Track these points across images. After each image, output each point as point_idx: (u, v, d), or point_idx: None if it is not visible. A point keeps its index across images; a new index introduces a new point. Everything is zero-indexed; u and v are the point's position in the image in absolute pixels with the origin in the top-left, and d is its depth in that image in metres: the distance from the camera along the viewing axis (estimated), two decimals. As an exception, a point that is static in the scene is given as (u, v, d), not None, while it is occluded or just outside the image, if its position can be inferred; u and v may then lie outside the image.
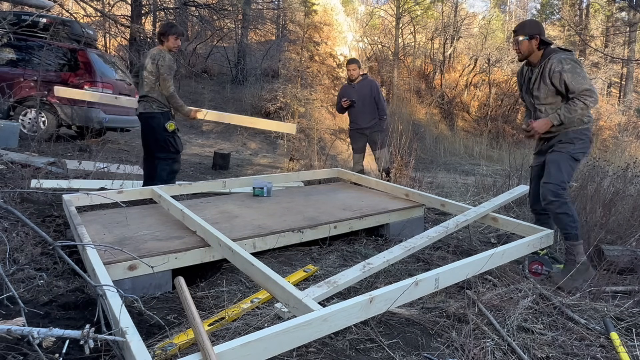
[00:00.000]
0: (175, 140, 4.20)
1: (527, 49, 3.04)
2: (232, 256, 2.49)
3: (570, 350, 2.07)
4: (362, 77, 5.63)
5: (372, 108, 5.55)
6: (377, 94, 5.58)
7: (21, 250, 2.77)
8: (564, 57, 2.93)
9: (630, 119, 18.49)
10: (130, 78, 9.01)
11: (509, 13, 34.01)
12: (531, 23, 3.11)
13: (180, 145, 4.28)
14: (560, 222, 3.02)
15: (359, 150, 5.76)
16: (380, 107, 5.58)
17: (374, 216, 3.61)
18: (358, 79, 5.60)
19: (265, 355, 1.66)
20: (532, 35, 3.00)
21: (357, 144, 5.72)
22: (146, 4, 12.42)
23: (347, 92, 5.66)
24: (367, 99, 5.53)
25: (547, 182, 3.02)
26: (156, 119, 4.11)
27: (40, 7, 7.30)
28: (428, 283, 2.27)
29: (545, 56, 3.01)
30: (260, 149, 11.65)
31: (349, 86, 5.71)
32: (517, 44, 3.05)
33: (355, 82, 5.60)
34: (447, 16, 22.00)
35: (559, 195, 2.95)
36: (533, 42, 3.01)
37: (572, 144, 3.05)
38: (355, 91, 5.57)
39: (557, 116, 2.95)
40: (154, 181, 4.12)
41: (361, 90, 5.56)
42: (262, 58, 17.48)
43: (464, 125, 19.24)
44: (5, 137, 5.87)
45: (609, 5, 23.43)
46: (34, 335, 1.46)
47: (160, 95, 4.10)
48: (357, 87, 5.59)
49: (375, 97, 5.55)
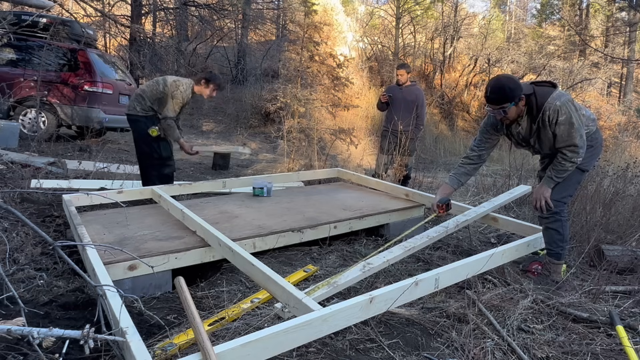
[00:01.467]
0: (159, 147, 4.08)
1: (515, 113, 2.73)
2: (232, 256, 2.49)
3: (571, 349, 2.07)
4: (411, 83, 5.80)
5: (412, 114, 5.69)
6: (422, 104, 5.74)
7: (21, 250, 2.77)
8: (559, 105, 2.64)
9: (630, 119, 18.47)
10: (130, 78, 9.01)
11: (509, 13, 33.99)
12: (510, 86, 2.65)
13: (165, 150, 4.12)
14: (549, 236, 2.92)
15: (387, 152, 5.82)
16: (420, 116, 5.73)
17: (374, 216, 3.61)
18: (407, 84, 5.76)
19: (265, 355, 1.66)
20: (519, 98, 2.65)
21: (388, 145, 5.79)
22: (146, 4, 12.42)
23: (393, 93, 5.81)
24: (410, 104, 5.66)
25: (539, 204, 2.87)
26: (140, 123, 4.04)
27: (40, 7, 7.30)
28: (428, 283, 2.27)
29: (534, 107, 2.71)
30: (261, 149, 11.64)
31: (396, 87, 5.84)
32: (503, 113, 2.67)
33: (403, 85, 5.76)
34: (447, 16, 21.99)
35: (555, 213, 2.85)
36: (520, 103, 2.68)
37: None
38: (402, 94, 5.72)
39: (551, 180, 2.80)
40: (147, 184, 4.08)
41: (407, 94, 5.71)
42: (262, 58, 17.49)
43: (464, 125, 19.24)
44: (5, 137, 5.87)
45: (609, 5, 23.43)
46: (34, 335, 1.46)
47: (152, 102, 4.02)
48: (404, 91, 5.74)
49: (418, 105, 5.69)
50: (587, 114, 2.91)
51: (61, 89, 7.32)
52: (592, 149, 3.01)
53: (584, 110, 2.89)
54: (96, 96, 7.43)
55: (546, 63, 19.97)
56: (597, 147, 3.03)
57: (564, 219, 2.88)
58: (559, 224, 2.86)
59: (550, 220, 2.87)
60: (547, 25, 28.90)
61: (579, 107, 2.76)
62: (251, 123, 14.30)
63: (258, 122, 14.31)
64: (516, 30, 30.34)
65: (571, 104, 2.67)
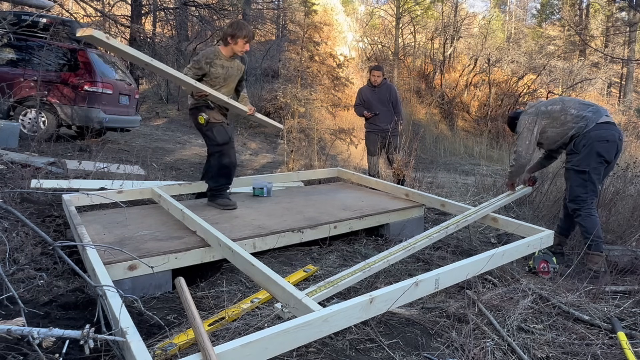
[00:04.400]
0: (213, 132, 3.71)
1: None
2: (232, 256, 2.48)
3: (571, 350, 2.07)
4: (382, 82, 5.85)
5: (390, 111, 5.77)
6: (395, 99, 5.82)
7: (21, 250, 2.76)
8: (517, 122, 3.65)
9: (630, 119, 18.48)
10: (130, 78, 9.01)
11: (509, 13, 34.00)
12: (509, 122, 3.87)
13: (222, 136, 3.72)
14: (580, 229, 3.44)
15: (375, 153, 5.87)
16: (397, 110, 5.80)
17: (374, 216, 3.61)
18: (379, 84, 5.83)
19: (265, 355, 1.66)
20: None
21: (374, 145, 5.84)
22: (146, 4, 12.42)
23: (367, 94, 5.88)
24: (386, 103, 5.76)
25: (566, 199, 3.49)
26: (192, 113, 3.81)
27: (40, 7, 7.30)
28: (428, 283, 2.27)
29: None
30: (261, 149, 11.65)
31: (369, 89, 5.89)
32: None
33: (376, 87, 5.83)
34: (447, 16, 22.01)
35: (576, 210, 3.36)
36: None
37: (577, 153, 3.31)
38: (376, 94, 5.80)
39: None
40: (206, 176, 3.94)
41: (381, 94, 5.79)
42: (262, 58, 17.49)
43: (464, 125, 19.24)
44: (5, 137, 5.87)
45: (609, 5, 23.44)
46: (34, 335, 1.46)
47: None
48: (377, 91, 5.82)
49: (393, 102, 5.78)
50: (574, 113, 3.36)
51: (61, 89, 7.32)
52: (585, 148, 3.21)
53: (574, 109, 3.38)
54: (96, 96, 7.43)
55: (546, 63, 19.97)
56: (590, 145, 3.21)
57: (584, 214, 3.33)
58: (580, 218, 3.35)
59: (575, 216, 3.40)
60: (547, 25, 28.91)
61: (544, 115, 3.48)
62: (251, 123, 14.30)
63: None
64: (516, 30, 30.36)
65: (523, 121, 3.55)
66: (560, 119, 3.40)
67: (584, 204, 3.32)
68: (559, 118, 3.40)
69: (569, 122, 3.36)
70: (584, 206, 3.31)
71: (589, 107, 3.38)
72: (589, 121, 3.29)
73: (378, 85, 5.81)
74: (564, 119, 3.38)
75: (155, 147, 9.19)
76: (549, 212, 4.53)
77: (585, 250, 3.27)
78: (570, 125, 3.36)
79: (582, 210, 3.31)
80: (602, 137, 3.26)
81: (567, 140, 3.41)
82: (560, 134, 3.41)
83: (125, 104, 8.29)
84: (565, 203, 3.54)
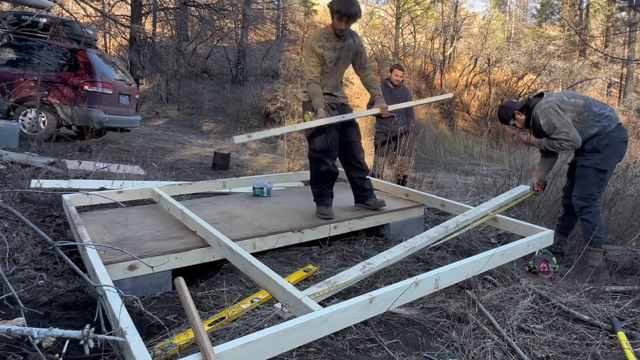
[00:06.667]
0: (314, 137, 3.37)
1: (520, 123, 3.57)
2: (232, 256, 2.48)
3: (571, 350, 2.07)
4: (400, 83, 5.84)
5: (403, 113, 5.73)
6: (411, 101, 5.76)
7: (21, 250, 2.76)
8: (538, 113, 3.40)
9: (630, 119, 18.48)
10: (130, 78, 9.01)
11: (509, 13, 34.01)
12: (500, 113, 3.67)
13: (325, 143, 3.36)
14: (584, 226, 3.41)
15: (384, 153, 5.84)
16: (410, 113, 5.80)
17: (374, 216, 3.61)
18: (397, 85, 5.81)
19: (265, 355, 1.66)
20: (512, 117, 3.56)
21: (384, 147, 5.81)
22: (146, 4, 12.42)
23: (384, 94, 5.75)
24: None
25: (576, 196, 3.41)
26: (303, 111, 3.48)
27: (40, 7, 7.30)
28: (428, 283, 2.27)
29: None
30: (261, 149, 11.64)
31: (385, 89, 5.80)
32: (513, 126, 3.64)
33: (394, 87, 5.79)
34: (447, 16, 22.00)
35: (585, 207, 3.36)
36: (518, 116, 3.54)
37: (599, 152, 3.29)
38: (392, 95, 5.69)
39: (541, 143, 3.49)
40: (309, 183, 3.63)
41: (397, 94, 5.71)
42: (262, 58, 17.49)
43: (464, 125, 19.24)
44: (5, 137, 5.87)
45: (609, 5, 23.44)
46: (34, 335, 1.46)
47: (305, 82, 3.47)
48: (394, 91, 5.76)
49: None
50: (596, 111, 3.32)
51: (61, 89, 7.32)
52: (609, 148, 3.27)
53: (595, 107, 3.33)
54: (96, 96, 7.43)
55: (546, 63, 19.97)
56: (614, 146, 3.30)
57: (593, 211, 3.34)
58: (589, 215, 3.34)
59: (583, 213, 3.37)
60: (547, 25, 28.91)
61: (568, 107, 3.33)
62: (251, 123, 14.31)
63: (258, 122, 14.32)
64: (516, 30, 30.36)
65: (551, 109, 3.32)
66: (583, 115, 3.30)
67: (594, 202, 3.36)
68: (582, 113, 3.31)
69: (590, 119, 3.29)
70: (593, 204, 3.34)
71: (607, 107, 3.40)
72: (611, 121, 3.30)
73: (396, 85, 5.76)
74: (587, 116, 3.30)
75: (155, 147, 9.19)
76: (549, 212, 4.52)
77: (587, 247, 3.29)
78: (591, 123, 3.29)
79: (591, 208, 3.34)
80: (622, 138, 3.33)
81: (587, 137, 3.31)
82: (580, 130, 3.30)
83: (125, 104, 8.29)
84: (568, 202, 3.53)
